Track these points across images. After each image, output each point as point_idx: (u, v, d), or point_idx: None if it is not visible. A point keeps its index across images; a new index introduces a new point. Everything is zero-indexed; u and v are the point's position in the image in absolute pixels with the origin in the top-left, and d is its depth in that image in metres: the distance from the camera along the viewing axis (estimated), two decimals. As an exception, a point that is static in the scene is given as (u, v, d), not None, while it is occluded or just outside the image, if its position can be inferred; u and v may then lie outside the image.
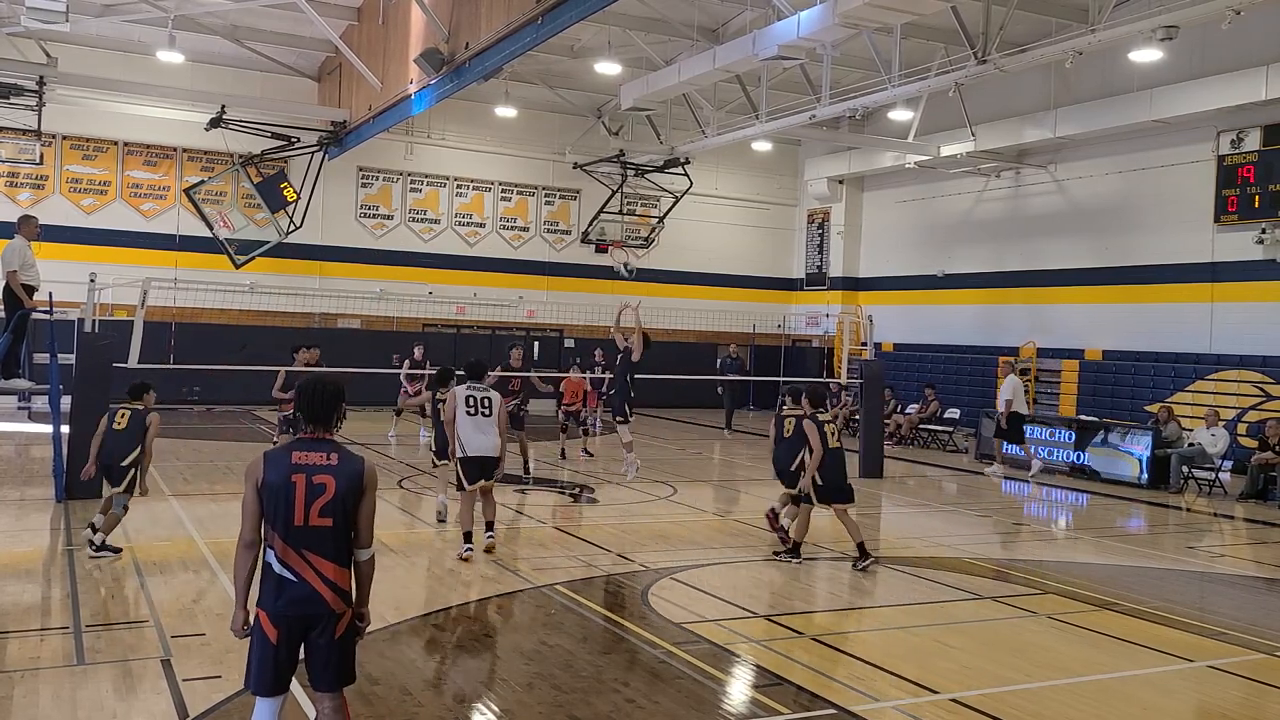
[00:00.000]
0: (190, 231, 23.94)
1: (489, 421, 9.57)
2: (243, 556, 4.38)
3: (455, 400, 9.61)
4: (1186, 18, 14.43)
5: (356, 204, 26.55)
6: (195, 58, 23.36)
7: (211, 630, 7.17)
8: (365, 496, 4.42)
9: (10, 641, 6.87)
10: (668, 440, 21.37)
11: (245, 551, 4.37)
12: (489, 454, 9.57)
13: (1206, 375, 19.63)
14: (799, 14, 14.79)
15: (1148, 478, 16.66)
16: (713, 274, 30.05)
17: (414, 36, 18.67)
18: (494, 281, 27.45)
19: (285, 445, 4.45)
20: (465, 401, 9.57)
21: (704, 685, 6.50)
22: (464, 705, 6.11)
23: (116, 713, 5.69)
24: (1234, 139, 19.44)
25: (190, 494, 12.96)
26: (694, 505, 13.69)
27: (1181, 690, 6.92)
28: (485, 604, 8.39)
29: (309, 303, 24.30)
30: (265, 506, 4.33)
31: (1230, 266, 19.75)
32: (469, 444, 9.55)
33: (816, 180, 29.14)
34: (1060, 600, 9.02)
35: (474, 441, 9.53)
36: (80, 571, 8.75)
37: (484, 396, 9.62)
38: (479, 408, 9.56)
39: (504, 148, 27.60)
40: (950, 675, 6.87)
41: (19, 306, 11.88)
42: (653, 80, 19.93)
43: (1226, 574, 10.86)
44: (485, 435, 9.56)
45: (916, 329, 26.76)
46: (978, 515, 13.94)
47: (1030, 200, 24.29)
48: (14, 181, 23.19)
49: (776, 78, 21.61)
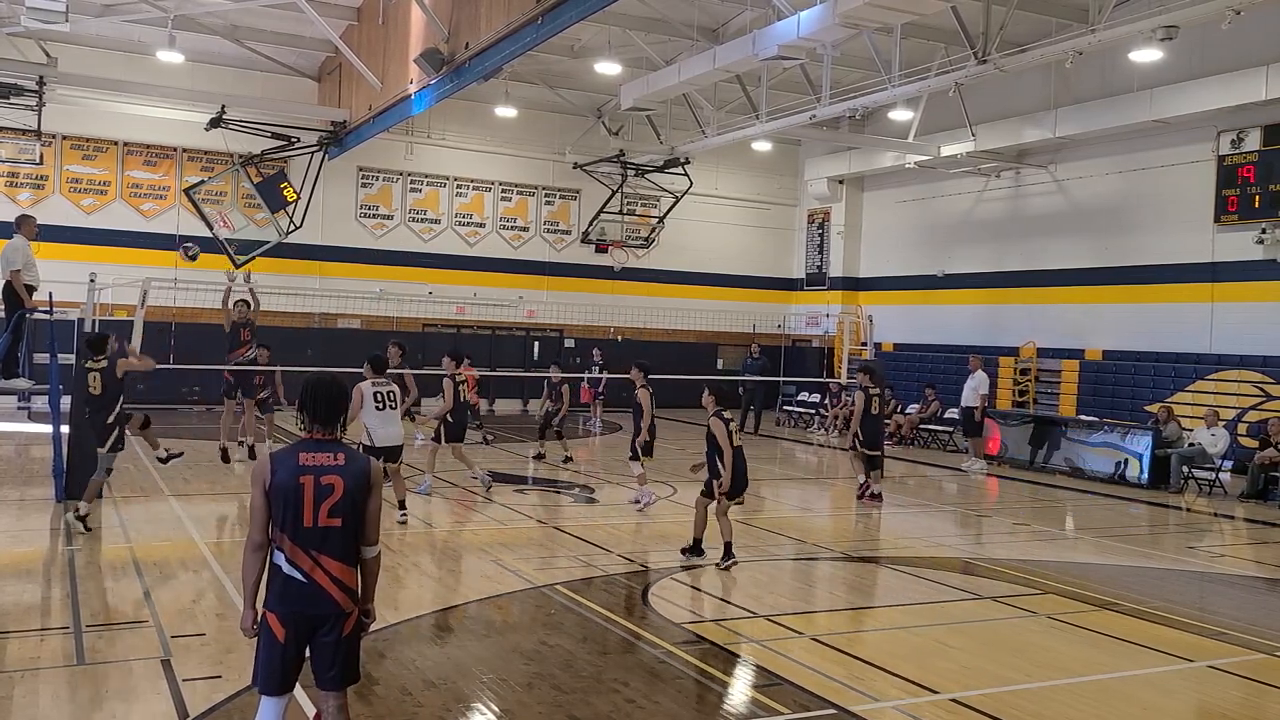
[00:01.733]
0: (190, 231, 23.90)
1: (394, 414, 10.84)
2: (251, 559, 4.38)
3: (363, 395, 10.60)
4: (1186, 18, 14.43)
5: (356, 204, 26.55)
6: (195, 58, 23.34)
7: (211, 630, 7.17)
8: (371, 495, 4.44)
9: (10, 641, 6.87)
10: (668, 440, 21.36)
11: (254, 554, 4.38)
12: (395, 443, 10.85)
13: (1206, 375, 19.63)
14: (799, 14, 14.78)
15: (1148, 478, 16.68)
16: (713, 274, 30.04)
17: (414, 36, 18.67)
18: (494, 281, 27.45)
19: (291, 446, 4.46)
20: (374, 397, 10.68)
21: (704, 685, 6.50)
22: (464, 705, 6.11)
23: (116, 713, 5.69)
24: (1234, 139, 19.43)
25: (190, 494, 12.96)
26: (693, 505, 13.65)
27: (1181, 690, 6.92)
28: (485, 604, 8.39)
29: (309, 303, 24.29)
30: (273, 508, 4.33)
31: (1230, 266, 19.74)
32: (376, 435, 10.67)
33: (816, 180, 29.14)
34: (1060, 600, 9.02)
35: (380, 432, 10.70)
36: (80, 571, 8.75)
37: (389, 391, 10.79)
38: (386, 401, 10.74)
39: (504, 148, 27.59)
40: (950, 675, 6.87)
41: (19, 306, 11.88)
42: (653, 80, 19.93)
43: (1226, 574, 10.86)
44: (392, 426, 10.82)
45: (916, 329, 26.76)
46: (978, 515, 13.95)
47: (1030, 200, 24.29)
48: (14, 181, 23.18)
49: (776, 78, 21.61)
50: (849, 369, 19.81)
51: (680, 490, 14.75)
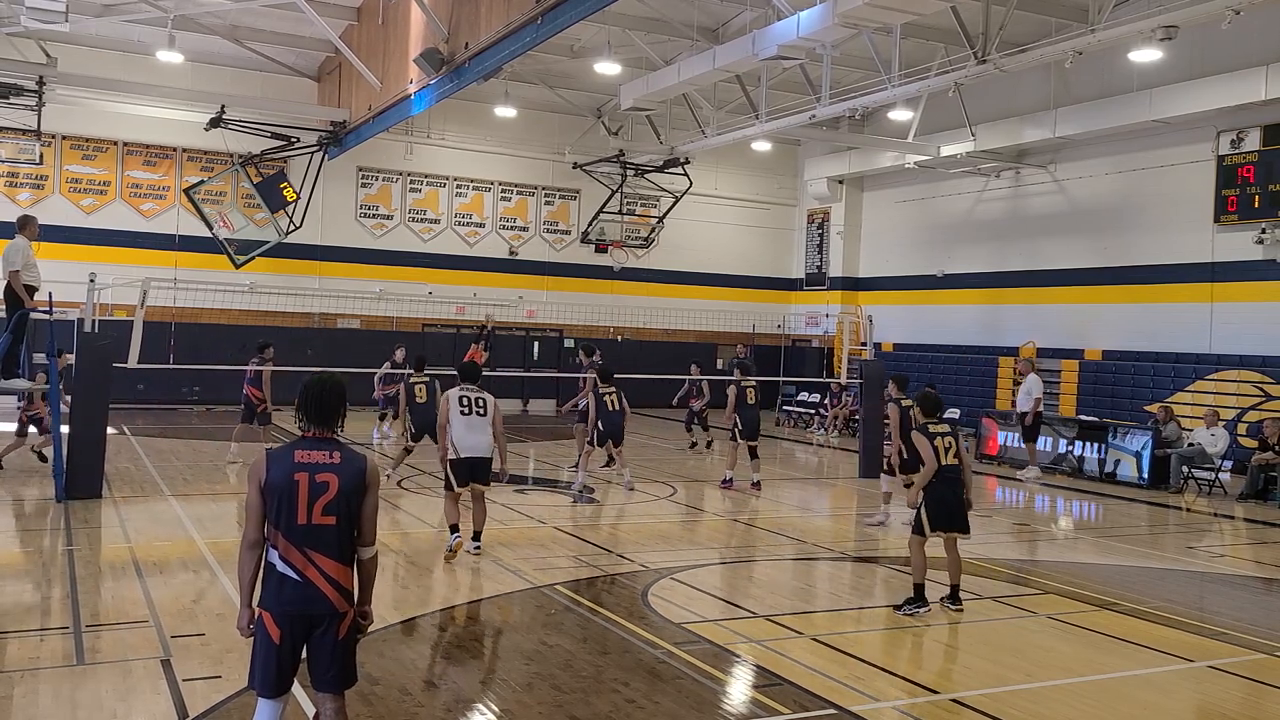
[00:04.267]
0: (190, 231, 23.94)
1: (483, 421, 9.60)
2: (247, 557, 4.38)
3: (449, 403, 9.64)
4: (1186, 18, 14.43)
5: (356, 204, 26.55)
6: (195, 58, 23.34)
7: (211, 630, 7.17)
8: (368, 495, 4.43)
9: (10, 641, 6.87)
10: (667, 440, 21.37)
11: (249, 552, 4.37)
12: (481, 454, 9.57)
13: (1206, 375, 19.63)
14: (799, 14, 14.79)
15: (1148, 478, 16.66)
16: (712, 274, 30.05)
17: (414, 36, 18.67)
18: (494, 281, 27.45)
19: (288, 445, 4.46)
20: (459, 402, 9.59)
21: (704, 685, 6.50)
22: (464, 705, 6.11)
23: (116, 713, 5.69)
24: (1234, 139, 19.43)
25: (190, 494, 12.95)
26: (694, 505, 13.69)
27: (1181, 690, 6.92)
28: (485, 604, 8.39)
29: (309, 303, 24.31)
30: (268, 506, 4.34)
31: (1230, 266, 19.74)
32: (461, 444, 9.55)
33: (816, 180, 29.14)
34: (1060, 600, 9.02)
35: (465, 441, 9.53)
36: (80, 571, 8.75)
37: (478, 397, 9.65)
38: (473, 407, 9.60)
39: (504, 148, 27.59)
40: (950, 675, 6.87)
41: (19, 306, 11.89)
42: (653, 80, 19.93)
43: (1226, 574, 10.86)
44: (478, 435, 9.57)
45: (916, 329, 26.76)
46: (978, 515, 13.91)
47: (1030, 200, 24.29)
48: (14, 181, 23.18)
49: (776, 78, 21.61)
50: (846, 368, 19.75)
51: (680, 490, 14.76)
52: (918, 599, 8.21)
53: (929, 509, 8.22)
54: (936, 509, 8.21)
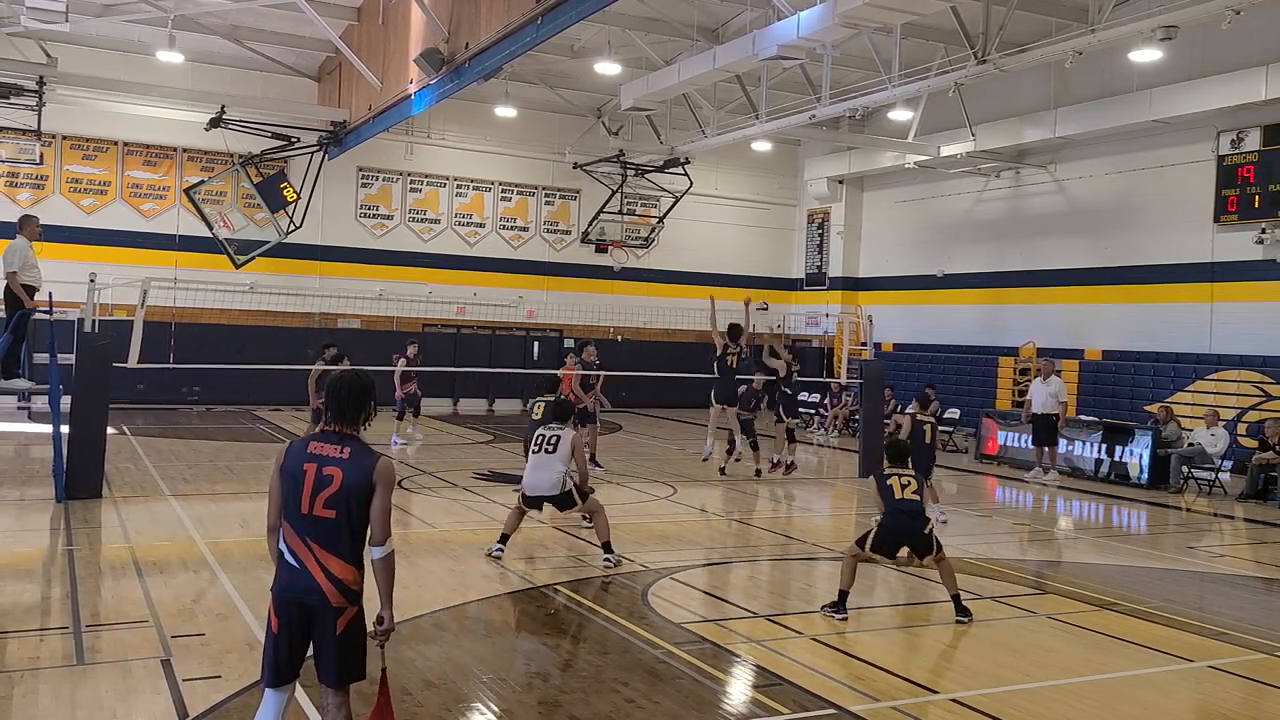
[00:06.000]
0: (190, 231, 23.94)
1: (550, 459, 9.65)
2: (270, 540, 4.50)
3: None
4: (1186, 18, 14.43)
5: (356, 204, 26.54)
6: (195, 58, 23.34)
7: (211, 630, 7.17)
8: (377, 493, 4.42)
9: (10, 641, 6.87)
10: (667, 440, 21.37)
11: (270, 535, 4.50)
12: (543, 493, 9.69)
13: (1206, 375, 19.62)
14: (799, 14, 14.79)
15: (1148, 478, 16.66)
16: (712, 274, 29.97)
17: (414, 36, 18.66)
18: (494, 281, 27.45)
19: (309, 435, 4.56)
20: (536, 440, 9.81)
21: (704, 685, 6.50)
22: (464, 705, 6.11)
23: (116, 713, 5.69)
24: (1234, 139, 19.44)
25: (190, 494, 12.95)
26: (694, 505, 13.68)
27: (1181, 690, 6.92)
28: (485, 604, 8.39)
29: (309, 303, 24.30)
30: (282, 492, 4.42)
31: (1230, 266, 19.74)
32: (526, 482, 9.78)
33: (816, 180, 29.14)
34: (1060, 600, 9.02)
35: (529, 479, 9.72)
36: (80, 571, 8.75)
37: (553, 435, 9.73)
38: (544, 445, 9.71)
39: (504, 148, 27.59)
40: (950, 675, 6.87)
41: (19, 307, 11.89)
42: (653, 80, 19.93)
43: (1226, 574, 10.86)
44: (542, 472, 9.65)
45: (916, 329, 26.76)
46: (978, 515, 13.94)
47: (1030, 200, 24.29)
48: (14, 181, 23.18)
49: (776, 78, 21.61)
50: (846, 368, 19.75)
51: (680, 490, 14.75)
52: (838, 604, 8.15)
53: (877, 532, 8.19)
54: (883, 536, 8.14)
